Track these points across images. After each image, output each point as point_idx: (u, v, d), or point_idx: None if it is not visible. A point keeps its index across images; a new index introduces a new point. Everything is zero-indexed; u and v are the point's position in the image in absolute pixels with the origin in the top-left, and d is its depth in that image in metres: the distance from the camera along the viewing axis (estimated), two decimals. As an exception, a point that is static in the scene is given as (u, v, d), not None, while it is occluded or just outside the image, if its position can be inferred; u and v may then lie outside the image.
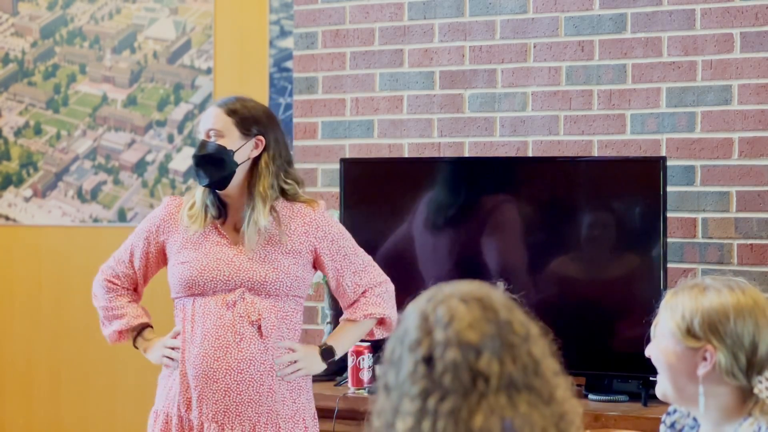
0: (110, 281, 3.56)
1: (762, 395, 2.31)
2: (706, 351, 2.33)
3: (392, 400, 1.73)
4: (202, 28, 5.21)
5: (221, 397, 3.30)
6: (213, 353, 3.30)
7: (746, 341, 2.31)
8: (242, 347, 3.31)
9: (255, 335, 3.32)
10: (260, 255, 3.36)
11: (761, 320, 2.32)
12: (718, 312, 2.32)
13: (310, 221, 3.41)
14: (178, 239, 3.42)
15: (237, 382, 3.30)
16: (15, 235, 5.37)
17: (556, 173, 4.22)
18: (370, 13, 4.69)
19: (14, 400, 5.36)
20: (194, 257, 3.37)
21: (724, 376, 2.32)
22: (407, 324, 1.77)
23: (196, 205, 3.41)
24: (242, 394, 3.31)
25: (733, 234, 4.13)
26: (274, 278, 3.34)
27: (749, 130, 4.12)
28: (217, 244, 3.38)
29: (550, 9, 4.40)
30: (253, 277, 3.33)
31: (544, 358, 1.76)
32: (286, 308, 3.38)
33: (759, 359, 2.31)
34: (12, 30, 5.39)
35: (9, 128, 5.38)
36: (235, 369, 3.30)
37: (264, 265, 3.34)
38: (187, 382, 3.34)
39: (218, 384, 3.30)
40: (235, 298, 3.32)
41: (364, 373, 4.16)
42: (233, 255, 3.36)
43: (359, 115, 4.70)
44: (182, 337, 3.37)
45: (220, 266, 3.35)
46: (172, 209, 3.47)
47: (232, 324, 3.31)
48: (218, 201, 3.42)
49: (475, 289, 1.78)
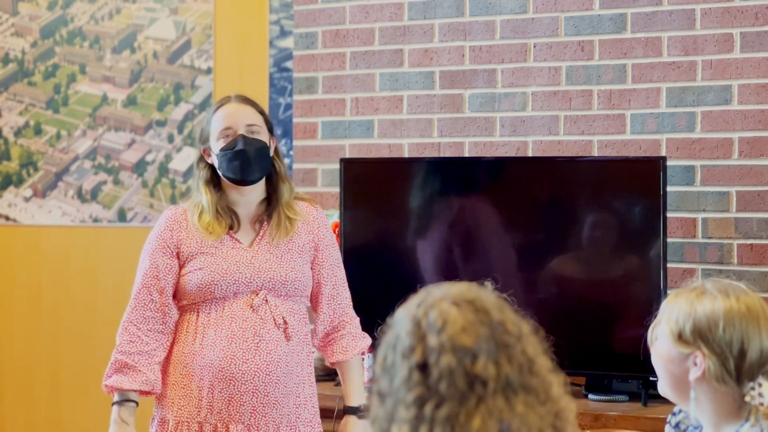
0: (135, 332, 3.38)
1: (753, 402, 2.31)
2: (696, 357, 2.34)
3: (387, 407, 1.72)
4: (202, 28, 5.20)
5: (249, 398, 3.28)
6: (241, 355, 3.28)
7: (735, 348, 2.32)
8: (270, 349, 3.30)
9: (281, 337, 3.32)
10: (276, 255, 3.36)
11: (752, 327, 2.32)
12: (709, 319, 2.33)
13: (313, 219, 3.44)
14: (192, 244, 3.35)
15: (264, 384, 3.29)
16: (15, 235, 5.37)
17: (556, 173, 4.22)
18: (370, 13, 4.69)
19: (14, 400, 5.36)
20: (212, 262, 3.32)
21: (713, 382, 2.32)
22: (399, 330, 1.75)
23: (207, 214, 3.35)
24: (269, 395, 3.30)
25: (733, 234, 4.13)
26: (293, 278, 3.35)
27: (749, 130, 4.11)
28: (233, 248, 3.35)
29: (550, 9, 4.40)
30: (275, 278, 3.33)
31: (537, 356, 1.75)
32: (301, 310, 3.40)
33: (748, 366, 2.32)
34: (12, 30, 5.39)
35: (9, 128, 5.38)
36: (263, 371, 3.28)
37: (282, 265, 3.35)
38: (207, 386, 3.30)
39: (246, 386, 3.28)
40: (259, 302, 3.31)
41: (365, 373, 4.15)
42: (251, 257, 3.34)
43: (359, 115, 4.70)
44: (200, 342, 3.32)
45: (241, 269, 3.32)
46: (177, 216, 3.40)
47: (258, 326, 3.31)
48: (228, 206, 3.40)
49: (466, 291, 1.76)
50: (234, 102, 3.39)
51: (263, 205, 3.41)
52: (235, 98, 3.41)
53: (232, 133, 3.35)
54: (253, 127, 3.36)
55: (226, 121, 3.37)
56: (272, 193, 3.41)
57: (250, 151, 3.32)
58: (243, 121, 3.36)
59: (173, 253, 3.36)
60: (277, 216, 3.38)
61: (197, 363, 3.31)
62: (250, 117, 3.38)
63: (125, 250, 5.24)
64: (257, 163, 3.33)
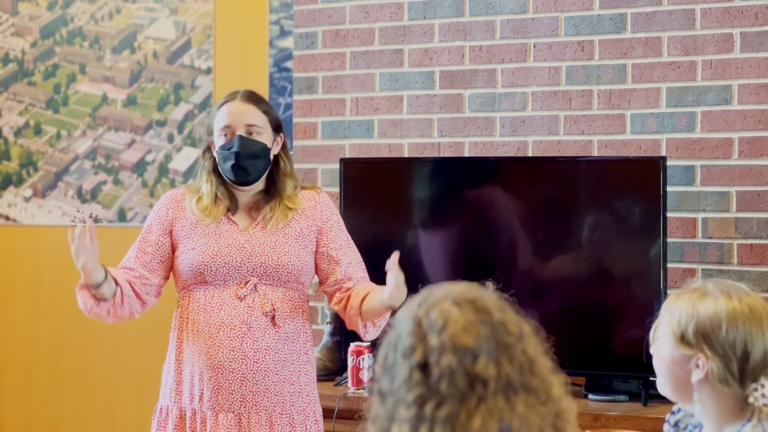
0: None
1: (757, 403, 2.31)
2: (699, 359, 2.33)
3: (387, 406, 1.72)
4: (202, 28, 5.20)
5: (238, 386, 3.30)
6: (228, 343, 3.30)
7: (738, 350, 2.31)
8: (256, 337, 3.30)
9: (268, 325, 3.32)
10: (271, 240, 3.37)
11: (755, 329, 2.32)
12: (711, 320, 2.32)
13: (315, 204, 3.45)
14: (186, 224, 3.40)
15: (253, 372, 3.30)
16: (15, 235, 5.37)
17: (556, 173, 4.22)
18: (370, 13, 4.69)
19: (14, 400, 5.36)
20: (204, 243, 3.36)
21: (717, 383, 2.32)
22: (400, 329, 1.75)
23: (205, 199, 3.40)
24: (258, 384, 3.31)
25: (733, 234, 4.13)
26: (285, 262, 3.34)
27: (749, 130, 4.11)
28: (228, 230, 3.38)
29: (550, 9, 4.40)
30: (267, 263, 3.33)
31: (538, 357, 1.75)
32: (297, 298, 3.39)
33: (752, 367, 2.31)
34: (12, 30, 5.39)
35: (9, 128, 5.38)
36: (250, 359, 3.29)
37: (276, 250, 3.35)
38: (197, 374, 3.33)
39: (234, 374, 3.30)
40: (246, 292, 3.32)
41: (364, 372, 4.16)
42: (244, 241, 3.36)
43: (359, 115, 4.70)
44: (191, 328, 3.36)
45: (232, 252, 3.34)
46: (176, 197, 3.46)
47: (245, 314, 3.31)
48: (228, 191, 3.42)
49: (467, 291, 1.76)
50: (238, 100, 3.40)
51: (263, 194, 3.42)
52: (241, 96, 3.42)
53: (231, 132, 3.38)
54: (252, 128, 3.37)
55: (227, 119, 3.39)
56: (273, 186, 3.43)
57: (244, 153, 3.34)
58: (243, 121, 3.37)
59: (166, 231, 3.42)
60: (276, 204, 3.39)
61: (188, 350, 3.35)
62: (250, 117, 3.38)
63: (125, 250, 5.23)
64: (252, 165, 3.35)
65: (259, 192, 3.43)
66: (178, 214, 3.42)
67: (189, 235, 3.39)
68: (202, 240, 3.36)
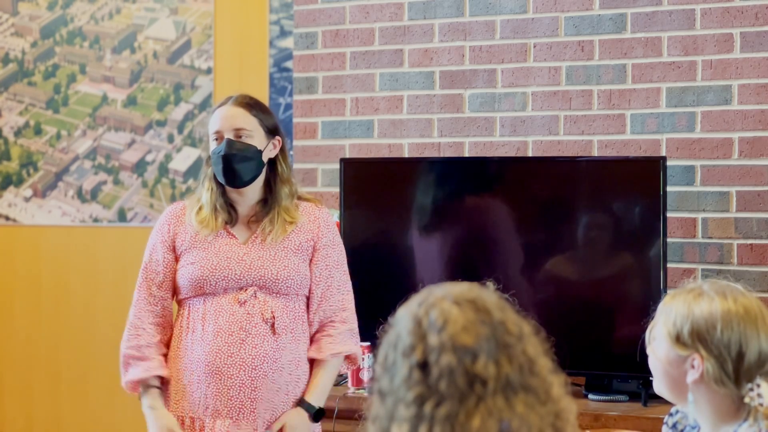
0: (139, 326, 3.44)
1: (752, 403, 2.31)
2: (694, 359, 2.34)
3: (387, 405, 1.72)
4: (202, 28, 5.20)
5: (236, 393, 3.30)
6: (226, 349, 3.30)
7: (733, 350, 2.32)
8: (255, 344, 3.31)
9: (267, 332, 3.32)
10: (270, 253, 3.37)
11: (749, 329, 2.32)
12: (707, 321, 2.33)
13: (314, 218, 3.45)
14: (186, 238, 3.41)
15: (251, 378, 3.30)
16: (15, 235, 5.37)
17: (556, 173, 4.22)
18: (370, 13, 4.69)
19: (14, 400, 5.36)
20: (204, 257, 3.37)
21: (712, 384, 2.32)
22: (400, 329, 1.75)
23: (204, 209, 3.41)
24: (257, 390, 3.31)
25: (733, 234, 4.13)
26: (285, 276, 3.35)
27: (749, 130, 4.11)
28: (227, 244, 3.38)
29: (550, 9, 4.40)
30: (265, 275, 3.34)
31: (538, 357, 1.75)
32: (296, 307, 3.39)
33: (747, 367, 2.32)
34: (12, 30, 5.39)
35: (9, 128, 5.38)
36: (249, 365, 3.30)
37: (275, 263, 3.35)
38: (197, 381, 3.33)
39: (232, 380, 3.30)
40: (246, 297, 3.33)
41: (364, 373, 4.16)
42: (243, 254, 3.36)
43: (359, 115, 4.70)
44: (191, 336, 3.36)
45: (231, 265, 3.35)
46: (176, 212, 3.47)
47: (244, 321, 3.32)
48: (227, 203, 3.42)
49: (467, 291, 1.76)
50: (229, 105, 3.43)
51: (261, 204, 3.43)
52: (233, 101, 3.43)
53: (220, 136, 3.40)
54: (241, 131, 3.38)
55: (218, 124, 3.42)
56: (271, 197, 3.43)
57: (232, 157, 3.35)
58: (231, 125, 3.39)
59: (170, 247, 3.42)
60: (275, 217, 3.39)
61: (187, 358, 3.35)
62: (239, 121, 3.39)
63: (125, 250, 5.25)
64: (241, 167, 3.36)
65: (258, 203, 3.43)
66: (179, 229, 3.44)
67: (189, 249, 3.40)
68: (201, 254, 3.38)
